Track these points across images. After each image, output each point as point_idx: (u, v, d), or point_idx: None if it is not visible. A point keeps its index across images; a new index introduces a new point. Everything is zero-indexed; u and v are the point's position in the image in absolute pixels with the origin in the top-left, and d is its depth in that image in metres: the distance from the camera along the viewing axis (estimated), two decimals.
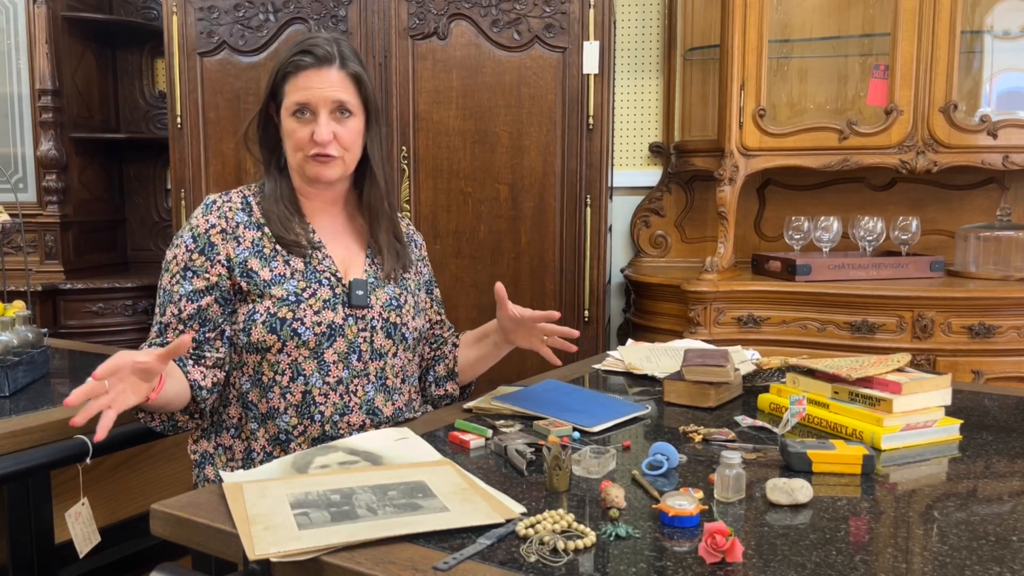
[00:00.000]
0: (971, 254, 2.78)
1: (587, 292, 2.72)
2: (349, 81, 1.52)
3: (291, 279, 1.50)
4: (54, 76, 3.34)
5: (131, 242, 3.89)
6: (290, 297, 1.48)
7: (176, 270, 1.49)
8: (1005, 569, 0.93)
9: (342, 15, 2.77)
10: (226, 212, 1.53)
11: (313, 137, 1.49)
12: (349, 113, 1.52)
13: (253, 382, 1.50)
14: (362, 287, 1.54)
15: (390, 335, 1.56)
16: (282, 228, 1.53)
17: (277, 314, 1.47)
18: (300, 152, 1.52)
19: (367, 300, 1.54)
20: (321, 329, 1.49)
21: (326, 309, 1.50)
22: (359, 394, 1.52)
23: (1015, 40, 2.89)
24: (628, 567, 0.93)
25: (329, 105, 1.50)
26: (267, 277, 1.49)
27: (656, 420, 1.52)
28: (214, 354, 1.49)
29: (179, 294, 1.48)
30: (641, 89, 3.32)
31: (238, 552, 0.99)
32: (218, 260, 1.49)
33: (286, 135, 1.54)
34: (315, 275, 1.52)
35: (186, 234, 1.52)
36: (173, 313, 1.48)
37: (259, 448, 1.50)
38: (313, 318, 1.49)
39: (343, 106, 1.51)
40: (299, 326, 1.48)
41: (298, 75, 1.50)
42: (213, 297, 1.48)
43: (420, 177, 2.79)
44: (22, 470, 1.49)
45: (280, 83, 1.53)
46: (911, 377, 1.40)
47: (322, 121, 1.49)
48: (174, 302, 1.48)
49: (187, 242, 1.50)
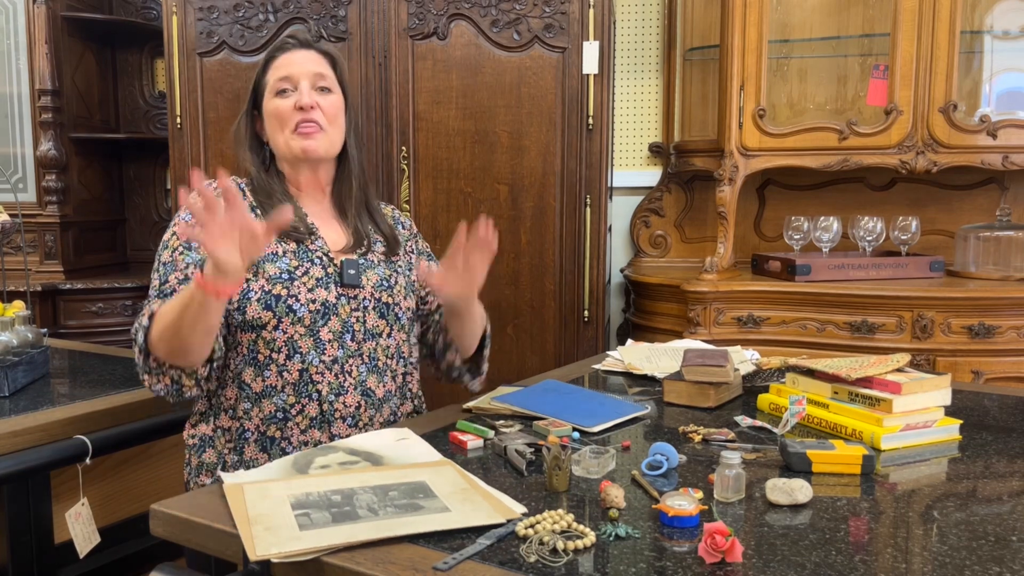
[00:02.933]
0: (971, 254, 2.78)
1: (587, 292, 2.72)
2: (325, 60, 1.61)
3: (283, 257, 1.52)
4: (54, 76, 3.35)
5: (131, 242, 3.89)
6: (283, 275, 1.50)
7: (177, 244, 1.50)
8: (1005, 569, 0.93)
9: (342, 15, 2.77)
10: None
11: (296, 104, 1.54)
12: (328, 90, 1.59)
13: (247, 361, 1.50)
14: (354, 267, 1.56)
15: (383, 315, 1.57)
16: None
17: (272, 291, 1.48)
18: (286, 128, 1.55)
19: (359, 280, 1.55)
20: (315, 307, 1.50)
21: (319, 287, 1.51)
22: (354, 374, 1.52)
23: (1015, 40, 2.89)
24: (628, 567, 0.93)
25: (310, 77, 1.56)
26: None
27: (656, 420, 1.52)
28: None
29: (184, 262, 1.48)
30: (641, 89, 3.32)
31: (238, 552, 1.00)
32: None
33: (270, 118, 1.57)
34: (307, 254, 1.54)
35: (183, 214, 1.53)
36: (178, 279, 1.47)
37: (252, 428, 1.49)
38: (307, 295, 1.50)
39: (322, 79, 1.57)
40: (294, 302, 1.48)
41: (278, 57, 1.59)
42: None
43: (420, 177, 2.79)
44: (22, 470, 1.49)
45: (262, 75, 1.59)
46: (911, 377, 1.40)
47: (303, 88, 1.55)
48: (180, 269, 1.47)
49: (185, 218, 1.51)
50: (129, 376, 1.89)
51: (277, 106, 1.56)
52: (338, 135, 1.60)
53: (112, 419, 1.68)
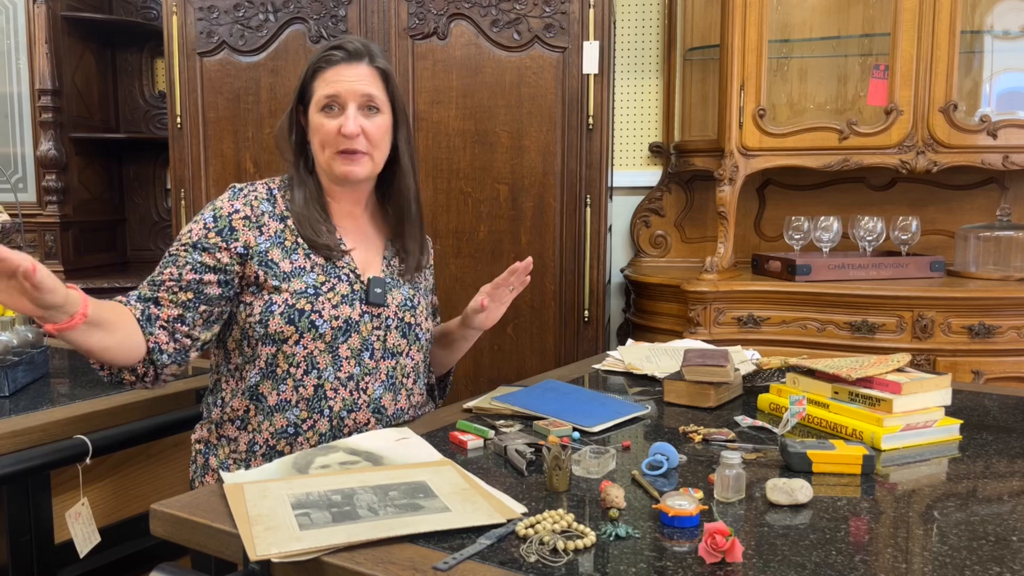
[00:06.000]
0: (971, 254, 2.78)
1: (587, 292, 2.72)
2: (377, 76, 1.55)
3: (311, 272, 1.51)
4: (54, 76, 3.34)
5: (131, 242, 3.89)
6: (308, 290, 1.49)
7: (188, 241, 1.49)
8: (1005, 569, 0.93)
9: (342, 15, 2.77)
10: (252, 200, 1.53)
11: (341, 131, 1.50)
12: (377, 110, 1.54)
13: (265, 374, 1.49)
14: (380, 285, 1.56)
15: (405, 335, 1.58)
16: (313, 232, 1.53)
17: (296, 305, 1.47)
18: (328, 149, 1.53)
19: (384, 299, 1.56)
20: (338, 323, 1.50)
21: (344, 304, 1.51)
22: (368, 391, 1.52)
23: (1015, 40, 2.89)
24: (628, 567, 0.93)
25: (357, 99, 1.51)
26: (287, 269, 1.50)
27: (656, 420, 1.52)
28: (192, 330, 1.45)
29: (184, 260, 1.47)
30: (641, 89, 3.32)
31: (238, 552, 1.00)
32: (234, 246, 1.48)
33: (314, 132, 1.54)
34: (335, 271, 1.53)
35: (207, 213, 1.51)
36: (171, 275, 1.46)
37: (262, 441, 1.50)
38: (331, 311, 1.49)
39: (371, 101, 1.53)
40: (317, 318, 1.48)
41: (328, 70, 1.53)
42: (216, 277, 1.47)
43: (420, 177, 2.79)
44: (22, 470, 1.49)
45: (310, 80, 1.55)
46: (911, 377, 1.40)
47: (350, 113, 1.50)
48: (177, 265, 1.47)
49: (207, 220, 1.50)
50: None
51: (322, 123, 1.52)
52: (381, 157, 1.57)
53: (112, 419, 1.68)
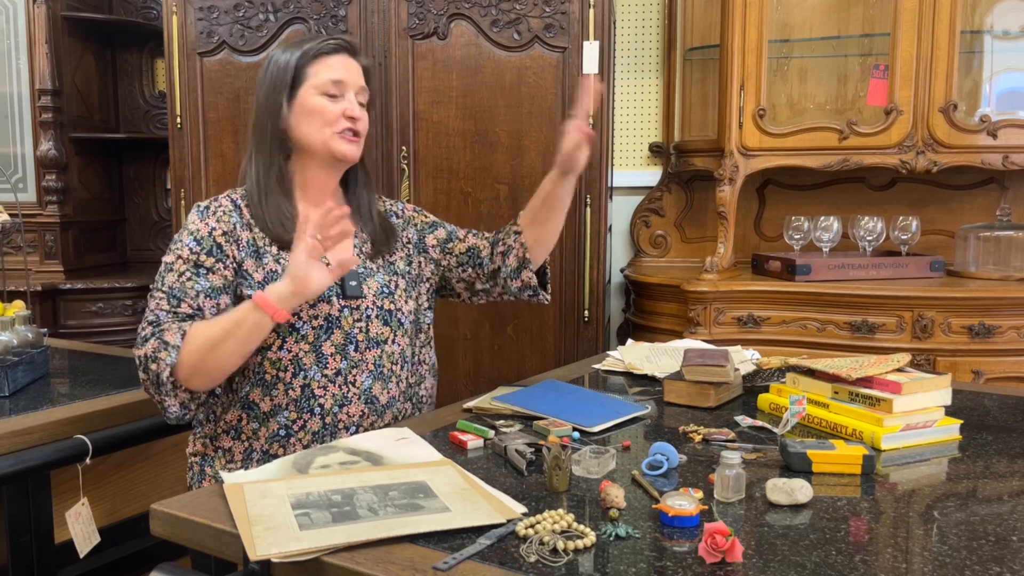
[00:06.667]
0: (971, 254, 2.78)
1: (587, 292, 2.72)
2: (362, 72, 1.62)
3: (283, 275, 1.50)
4: (54, 76, 3.34)
5: (131, 242, 3.89)
6: None
7: (183, 268, 1.47)
8: (1005, 569, 0.93)
9: (342, 15, 2.77)
10: (222, 215, 1.53)
11: (346, 113, 1.55)
12: (363, 106, 1.61)
13: (254, 383, 1.50)
14: (354, 277, 1.56)
15: (387, 322, 1.58)
16: (280, 227, 1.52)
17: None
18: (329, 128, 1.55)
19: (361, 290, 1.56)
20: (319, 322, 1.50)
21: (321, 302, 1.51)
22: (357, 384, 1.53)
23: (1015, 40, 2.89)
24: (628, 567, 0.93)
25: (356, 89, 1.59)
26: (259, 278, 1.50)
27: (656, 420, 1.52)
28: None
29: (195, 290, 1.46)
30: (641, 89, 3.32)
31: (238, 552, 0.99)
32: (228, 262, 1.49)
33: (311, 113, 1.54)
34: None
35: (186, 238, 1.50)
36: (191, 307, 1.45)
37: (258, 448, 1.50)
38: (309, 312, 1.50)
39: (364, 94, 1.61)
40: (296, 320, 1.48)
41: (331, 56, 1.57)
42: (229, 296, 1.49)
43: (420, 177, 2.79)
44: (22, 470, 1.49)
45: (305, 65, 1.55)
46: (911, 377, 1.40)
47: (352, 99, 1.57)
48: (190, 298, 1.45)
49: (190, 245, 1.49)
50: (129, 376, 1.89)
51: (325, 105, 1.54)
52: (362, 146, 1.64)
53: (112, 419, 1.68)
